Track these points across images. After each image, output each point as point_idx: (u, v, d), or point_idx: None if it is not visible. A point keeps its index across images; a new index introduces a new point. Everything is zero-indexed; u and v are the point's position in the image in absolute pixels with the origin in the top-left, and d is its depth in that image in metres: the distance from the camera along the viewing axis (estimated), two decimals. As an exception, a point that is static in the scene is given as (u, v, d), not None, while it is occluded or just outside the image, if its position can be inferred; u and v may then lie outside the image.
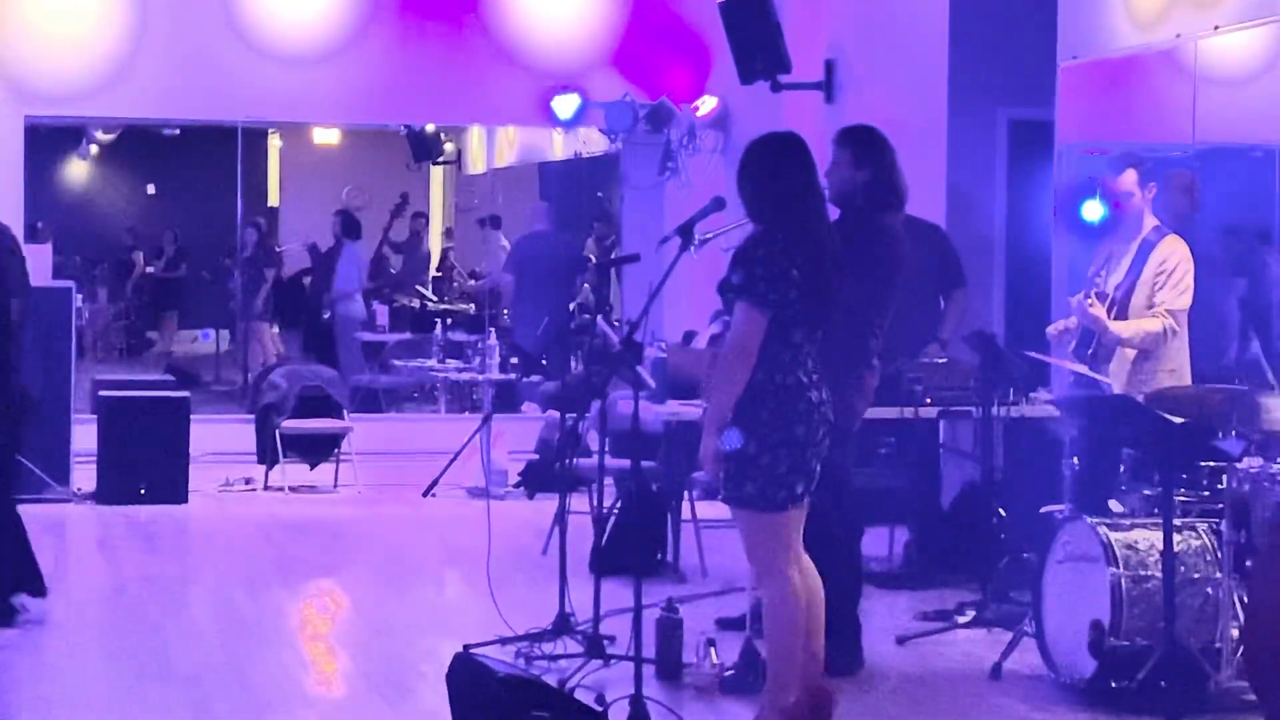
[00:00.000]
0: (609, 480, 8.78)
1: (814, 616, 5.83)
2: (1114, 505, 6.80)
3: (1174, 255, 7.46)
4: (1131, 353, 7.49)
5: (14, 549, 7.53)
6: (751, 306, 5.63)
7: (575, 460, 8.71)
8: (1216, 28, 8.12)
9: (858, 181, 6.87)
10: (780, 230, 5.72)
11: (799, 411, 5.67)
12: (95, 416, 11.35)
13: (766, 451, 5.64)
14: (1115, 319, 7.46)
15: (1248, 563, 6.18)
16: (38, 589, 7.63)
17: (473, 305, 16.99)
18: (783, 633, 5.76)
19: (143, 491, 10.99)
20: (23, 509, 7.72)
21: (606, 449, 7.52)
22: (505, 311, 14.91)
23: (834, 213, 6.99)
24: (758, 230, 5.81)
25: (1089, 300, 7.47)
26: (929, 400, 8.46)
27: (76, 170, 21.72)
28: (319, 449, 11.87)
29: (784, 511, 5.70)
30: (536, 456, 11.48)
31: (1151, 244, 7.49)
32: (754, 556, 5.81)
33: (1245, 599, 6.11)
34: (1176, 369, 7.46)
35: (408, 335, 15.80)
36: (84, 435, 11.18)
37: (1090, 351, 7.58)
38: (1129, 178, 7.59)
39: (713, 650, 6.66)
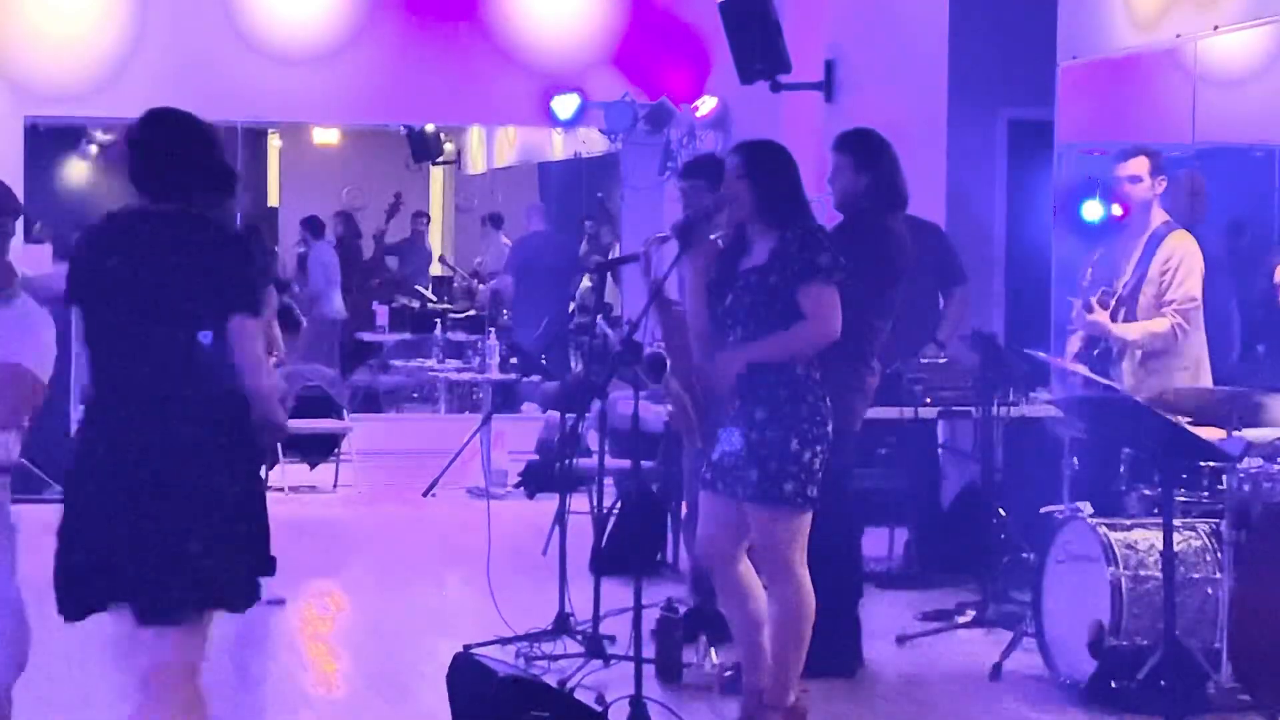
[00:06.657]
0: (609, 480, 8.77)
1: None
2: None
3: (1180, 250, 7.25)
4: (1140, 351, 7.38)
5: None
6: (836, 291, 5.68)
7: (575, 460, 8.71)
8: (1216, 28, 8.12)
9: (860, 186, 6.87)
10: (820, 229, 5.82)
11: (827, 408, 5.70)
12: (95, 417, 11.31)
13: (808, 448, 5.62)
14: (1125, 318, 7.31)
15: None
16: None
17: (472, 300, 16.98)
18: (800, 633, 5.74)
19: (143, 492, 10.95)
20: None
21: (606, 449, 7.52)
22: (505, 312, 14.91)
23: (837, 217, 7.01)
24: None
25: (1089, 308, 7.38)
26: (929, 400, 8.46)
27: (76, 170, 21.68)
28: (319, 449, 11.86)
29: (811, 510, 5.71)
30: (536, 457, 11.48)
31: (1159, 238, 7.30)
32: (775, 557, 5.71)
33: (1236, 596, 6.10)
34: (1192, 366, 7.28)
35: (408, 335, 15.79)
36: (84, 435, 11.14)
37: (1096, 352, 7.48)
38: (1139, 163, 7.34)
39: (713, 650, 6.65)
